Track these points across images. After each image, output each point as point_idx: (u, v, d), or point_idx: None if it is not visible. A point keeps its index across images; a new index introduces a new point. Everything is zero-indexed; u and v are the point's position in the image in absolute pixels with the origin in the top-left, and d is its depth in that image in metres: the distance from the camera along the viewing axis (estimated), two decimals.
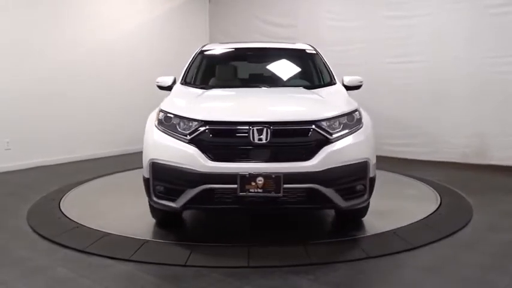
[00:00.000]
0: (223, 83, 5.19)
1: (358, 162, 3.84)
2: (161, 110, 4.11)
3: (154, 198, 3.96)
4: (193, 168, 3.70)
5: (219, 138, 3.80)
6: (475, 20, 7.23)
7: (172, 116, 3.98)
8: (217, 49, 5.77)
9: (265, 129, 3.71)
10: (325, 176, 3.68)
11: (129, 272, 3.43)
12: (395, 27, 7.98)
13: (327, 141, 3.78)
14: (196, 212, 4.83)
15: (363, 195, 3.92)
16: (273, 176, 3.63)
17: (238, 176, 3.63)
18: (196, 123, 3.83)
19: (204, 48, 5.69)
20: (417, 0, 7.81)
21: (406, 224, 4.41)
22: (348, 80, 4.96)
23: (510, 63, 6.98)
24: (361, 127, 4.01)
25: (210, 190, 3.70)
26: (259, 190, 3.64)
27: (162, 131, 3.96)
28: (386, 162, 7.42)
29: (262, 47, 5.87)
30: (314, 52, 5.46)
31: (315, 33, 8.56)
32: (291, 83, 5.27)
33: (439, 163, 7.54)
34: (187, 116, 3.90)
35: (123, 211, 4.95)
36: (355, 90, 5.07)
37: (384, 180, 6.50)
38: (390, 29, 8.03)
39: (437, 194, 5.48)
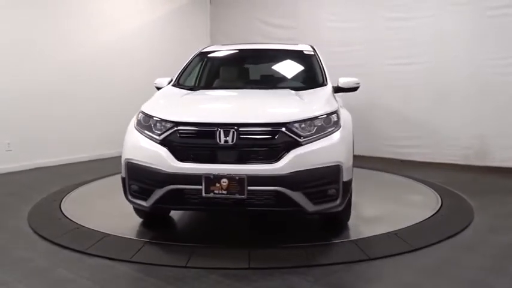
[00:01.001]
0: (213, 85, 5.28)
1: (329, 166, 3.73)
2: (140, 111, 4.21)
3: (130, 197, 4.06)
4: (162, 169, 3.75)
5: (187, 139, 3.84)
6: (476, 22, 7.23)
7: (148, 117, 4.06)
8: (214, 51, 5.82)
9: (231, 131, 3.72)
10: (291, 179, 3.63)
11: (129, 274, 3.43)
12: (396, 28, 7.99)
13: (297, 144, 3.72)
14: (196, 214, 4.83)
15: (335, 199, 3.79)
16: (237, 177, 3.63)
17: (203, 177, 3.66)
18: (167, 124, 3.90)
19: (202, 51, 5.74)
20: (418, 2, 7.82)
21: (406, 226, 4.40)
22: (343, 81, 4.90)
23: (511, 64, 6.97)
24: (337, 130, 3.92)
25: (178, 190, 3.74)
26: (224, 192, 3.65)
27: (139, 132, 4.05)
28: (387, 164, 7.43)
29: (259, 48, 5.86)
30: (312, 53, 5.40)
31: (316, 35, 8.56)
32: (282, 84, 5.20)
33: (440, 165, 7.54)
34: (160, 117, 3.98)
35: (124, 212, 4.94)
36: (355, 92, 5.07)
37: (384, 181, 6.54)
38: (391, 30, 8.03)
39: (438, 196, 5.48)
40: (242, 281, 3.29)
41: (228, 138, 3.72)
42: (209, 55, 5.73)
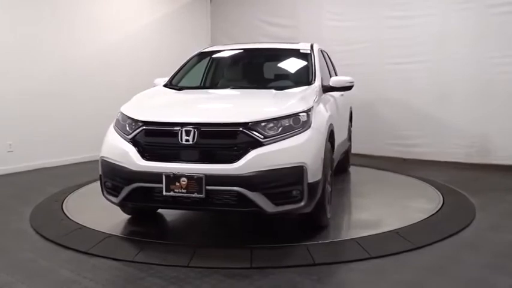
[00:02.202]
0: (199, 85, 5.35)
1: (291, 167, 3.68)
2: (119, 111, 4.31)
3: (105, 193, 4.17)
4: (128, 167, 3.85)
5: (152, 138, 3.93)
6: (479, 20, 7.22)
7: (124, 116, 4.18)
8: (211, 52, 5.87)
9: (192, 131, 3.76)
10: (250, 180, 3.60)
11: (132, 274, 3.43)
12: (397, 27, 7.98)
13: (258, 144, 3.69)
14: (197, 213, 4.84)
15: (299, 200, 3.73)
16: (195, 177, 3.66)
17: (164, 175, 3.71)
18: (137, 123, 4.01)
19: (200, 51, 5.80)
20: (420, 1, 7.81)
21: (408, 224, 4.41)
22: (335, 80, 4.86)
23: None
24: (305, 130, 3.87)
25: (142, 188, 3.83)
26: (183, 190, 3.69)
27: (116, 131, 4.18)
28: (389, 162, 7.44)
29: (254, 48, 5.85)
30: (307, 52, 5.32)
31: (317, 34, 8.55)
32: (270, 84, 5.20)
33: (442, 163, 7.54)
34: (132, 117, 4.09)
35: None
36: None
37: (386, 180, 6.54)
38: (392, 29, 8.03)
39: (440, 194, 5.48)
40: (244, 281, 3.30)
41: (189, 137, 3.76)
42: (205, 56, 5.78)
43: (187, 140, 3.76)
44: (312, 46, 5.43)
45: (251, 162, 3.63)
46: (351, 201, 5.52)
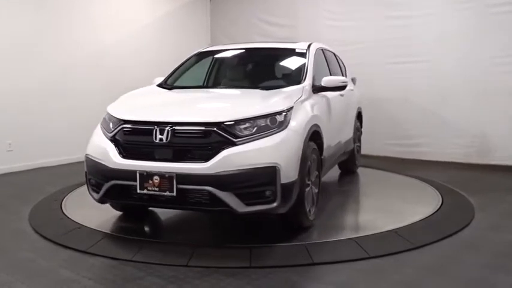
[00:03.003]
0: (190, 84, 5.34)
1: (263, 167, 3.67)
2: (106, 110, 4.39)
3: (89, 190, 4.27)
4: (107, 164, 3.95)
5: (129, 137, 4.01)
6: (479, 20, 7.22)
7: (108, 115, 4.27)
8: (207, 52, 5.89)
9: (166, 129, 3.81)
10: (220, 179, 3.61)
11: (131, 273, 3.43)
12: (396, 27, 7.97)
13: (230, 144, 3.71)
14: (196, 213, 4.83)
15: (272, 201, 3.72)
16: (167, 175, 3.71)
17: (138, 173, 3.78)
18: (117, 122, 4.10)
19: (196, 52, 5.83)
20: (419, 1, 7.81)
21: (407, 224, 4.41)
22: (326, 80, 4.80)
23: None
24: (280, 130, 3.85)
25: (119, 186, 3.92)
26: (156, 189, 3.74)
27: (101, 129, 4.27)
28: (388, 162, 7.44)
29: (251, 47, 5.85)
30: (303, 51, 5.28)
31: (315, 33, 8.55)
32: (260, 83, 5.15)
33: (441, 163, 7.54)
34: (113, 115, 4.19)
35: (125, 212, 4.95)
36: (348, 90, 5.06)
37: (385, 180, 6.55)
38: (391, 29, 8.02)
39: (439, 194, 5.48)
40: (243, 280, 3.30)
41: (162, 136, 3.81)
42: (202, 56, 5.81)
43: (161, 139, 3.81)
44: (309, 46, 5.38)
45: (222, 161, 3.64)
46: (350, 200, 5.52)
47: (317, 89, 4.77)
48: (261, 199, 3.72)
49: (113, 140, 4.05)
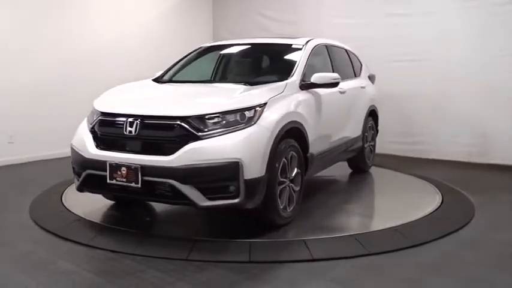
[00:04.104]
0: (180, 79, 5.35)
1: (225, 162, 3.69)
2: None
3: (75, 179, 4.37)
4: (83, 154, 4.13)
5: (104, 128, 4.16)
6: (482, 18, 7.18)
7: (92, 107, 4.42)
8: (207, 47, 5.90)
9: (135, 122, 3.91)
10: (181, 172, 3.66)
11: (131, 266, 3.44)
12: (399, 24, 7.94)
13: (195, 138, 3.74)
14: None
15: (235, 196, 3.75)
16: (133, 167, 3.80)
17: (108, 164, 3.89)
18: (96, 113, 4.27)
19: (195, 48, 5.87)
20: None
21: (407, 222, 4.41)
22: (317, 77, 4.73)
23: None
24: (248, 126, 3.85)
25: (92, 175, 4.07)
26: (124, 179, 3.84)
27: (87, 121, 4.43)
28: (389, 161, 7.44)
29: (248, 42, 5.83)
30: (299, 47, 5.21)
31: (317, 30, 8.51)
32: (252, 78, 5.20)
33: (442, 162, 7.53)
34: (94, 107, 4.37)
35: (126, 206, 4.97)
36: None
37: (386, 178, 6.55)
38: (393, 26, 7.99)
39: (440, 193, 5.48)
40: (243, 274, 3.31)
41: (132, 128, 3.91)
42: (200, 52, 5.82)
43: (130, 131, 3.92)
44: (307, 42, 5.32)
45: (185, 155, 3.69)
46: (350, 197, 5.52)
47: (306, 85, 4.72)
48: (223, 194, 3.76)
49: (92, 131, 4.22)
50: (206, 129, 3.77)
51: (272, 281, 3.23)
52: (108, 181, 3.92)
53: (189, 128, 3.76)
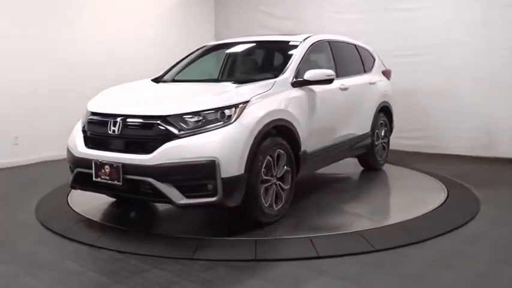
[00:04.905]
0: (175, 78, 5.38)
1: (202, 161, 3.71)
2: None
3: (70, 176, 4.44)
4: (73, 153, 4.30)
5: (92, 127, 4.28)
6: (484, 12, 7.15)
7: (86, 107, 4.53)
8: (208, 46, 5.92)
9: (118, 122, 4.00)
10: (159, 171, 3.71)
11: (137, 266, 3.45)
12: (401, 20, 7.91)
13: (174, 137, 3.78)
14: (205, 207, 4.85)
15: (213, 195, 3.76)
16: (115, 165, 3.88)
17: (93, 162, 4.00)
18: (88, 113, 4.40)
19: (199, 46, 5.90)
20: None
21: (412, 217, 4.40)
22: (310, 74, 4.66)
23: None
24: (226, 125, 3.85)
25: (81, 173, 4.20)
26: (107, 177, 3.94)
27: (81, 121, 4.52)
28: (393, 156, 7.41)
29: (246, 41, 5.82)
30: (296, 44, 5.15)
31: (319, 26, 8.50)
32: (244, 76, 5.28)
33: (447, 156, 7.51)
34: (87, 107, 4.49)
35: (131, 205, 4.98)
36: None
37: (390, 173, 6.53)
38: (396, 21, 7.96)
39: (445, 187, 5.46)
40: (248, 273, 3.31)
41: (115, 128, 4.01)
42: (199, 51, 5.84)
43: (113, 131, 4.01)
44: (306, 38, 5.26)
45: (163, 154, 3.74)
46: (355, 194, 5.51)
47: (299, 83, 4.67)
48: (201, 192, 3.79)
49: (84, 131, 4.35)
50: (185, 128, 3.81)
51: (278, 279, 3.24)
52: (94, 179, 4.02)
53: (168, 127, 3.81)
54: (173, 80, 5.31)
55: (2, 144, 7.01)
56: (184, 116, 3.85)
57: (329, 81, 4.81)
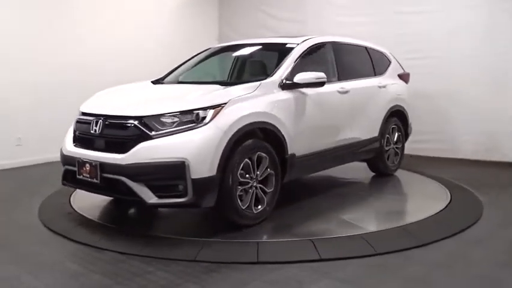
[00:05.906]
0: (171, 80, 5.48)
1: (172, 161, 3.76)
2: None
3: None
4: (63, 151, 4.49)
5: (79, 127, 4.46)
6: (490, 15, 7.14)
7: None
8: (209, 48, 5.96)
9: (99, 122, 4.16)
10: (131, 170, 3.80)
11: (139, 267, 3.45)
12: (406, 22, 7.90)
13: (147, 137, 3.86)
14: (203, 208, 4.84)
15: (183, 195, 3.80)
16: (93, 164, 4.03)
17: (76, 160, 4.18)
18: (79, 113, 4.57)
19: (203, 49, 5.96)
20: None
21: (415, 220, 4.39)
22: (300, 77, 4.60)
23: None
24: (199, 127, 3.87)
25: (68, 171, 4.38)
26: (88, 175, 4.09)
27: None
28: None
29: (245, 43, 5.85)
30: (292, 46, 5.10)
31: (324, 29, 8.48)
32: (239, 78, 5.54)
33: (450, 160, 7.49)
34: (79, 107, 4.65)
35: (133, 206, 4.98)
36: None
37: (394, 177, 6.51)
38: (402, 24, 7.95)
39: (448, 191, 5.44)
40: (251, 275, 3.31)
41: (96, 127, 4.17)
42: (201, 53, 5.88)
43: (95, 130, 4.17)
44: (304, 40, 5.21)
45: (135, 154, 3.83)
46: (357, 196, 5.50)
47: (288, 85, 4.62)
48: (172, 192, 3.85)
49: (74, 130, 4.53)
50: (160, 129, 3.88)
51: (280, 281, 3.23)
52: (77, 176, 4.18)
53: (142, 128, 3.90)
54: (172, 82, 5.34)
55: (5, 145, 7.03)
56: (160, 117, 3.92)
57: (320, 84, 4.73)
